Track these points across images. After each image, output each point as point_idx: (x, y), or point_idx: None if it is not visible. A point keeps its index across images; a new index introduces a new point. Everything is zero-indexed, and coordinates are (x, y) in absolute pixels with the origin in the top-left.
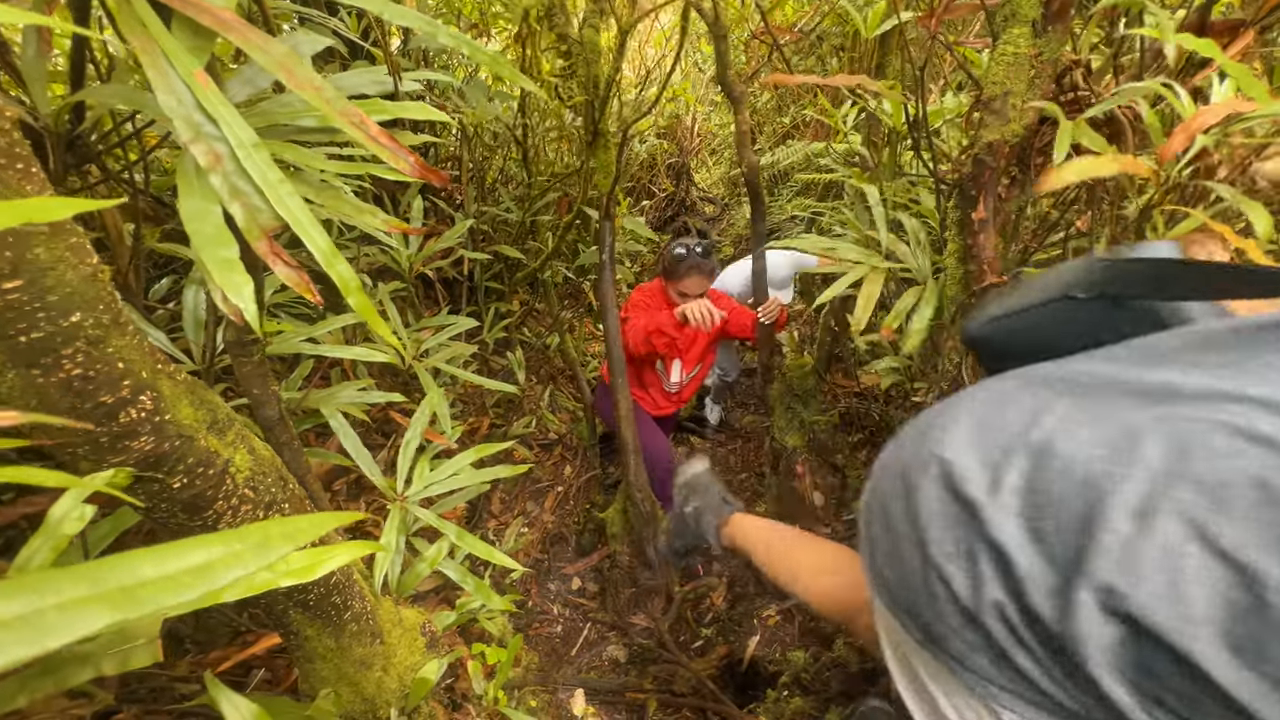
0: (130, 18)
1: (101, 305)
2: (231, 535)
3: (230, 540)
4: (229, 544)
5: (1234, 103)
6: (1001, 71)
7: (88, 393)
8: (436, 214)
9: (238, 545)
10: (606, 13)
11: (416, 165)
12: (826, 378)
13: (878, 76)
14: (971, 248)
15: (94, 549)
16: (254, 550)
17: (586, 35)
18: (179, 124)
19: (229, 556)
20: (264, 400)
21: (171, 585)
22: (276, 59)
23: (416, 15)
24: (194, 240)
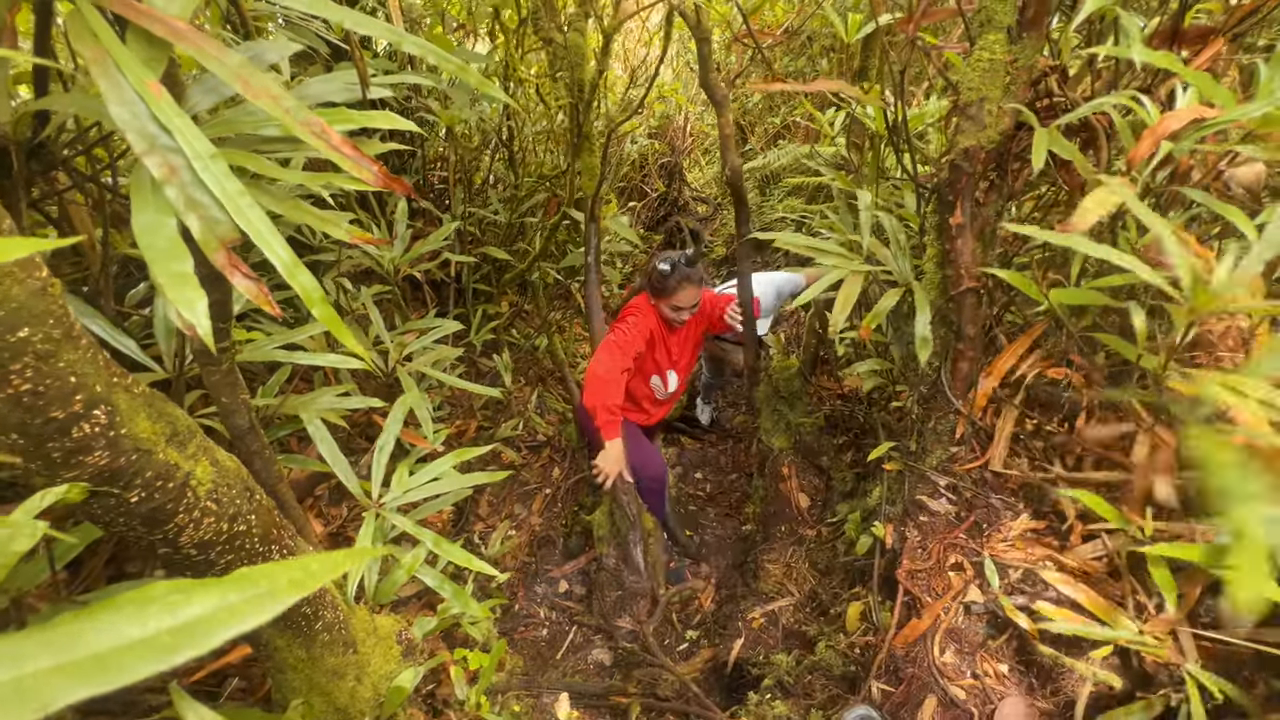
0: (81, 27)
1: (51, 319)
2: (228, 583)
3: (227, 590)
4: (224, 594)
5: (1197, 109)
6: (977, 77)
7: (38, 408)
8: (424, 216)
9: (234, 596)
10: (591, 15)
11: (380, 174)
12: (812, 380)
13: (861, 80)
14: (949, 252)
15: (60, 561)
16: (253, 602)
17: (571, 39)
18: (132, 135)
19: (224, 611)
20: (233, 409)
21: (153, 649)
22: (232, 68)
23: (378, 23)
24: (147, 255)
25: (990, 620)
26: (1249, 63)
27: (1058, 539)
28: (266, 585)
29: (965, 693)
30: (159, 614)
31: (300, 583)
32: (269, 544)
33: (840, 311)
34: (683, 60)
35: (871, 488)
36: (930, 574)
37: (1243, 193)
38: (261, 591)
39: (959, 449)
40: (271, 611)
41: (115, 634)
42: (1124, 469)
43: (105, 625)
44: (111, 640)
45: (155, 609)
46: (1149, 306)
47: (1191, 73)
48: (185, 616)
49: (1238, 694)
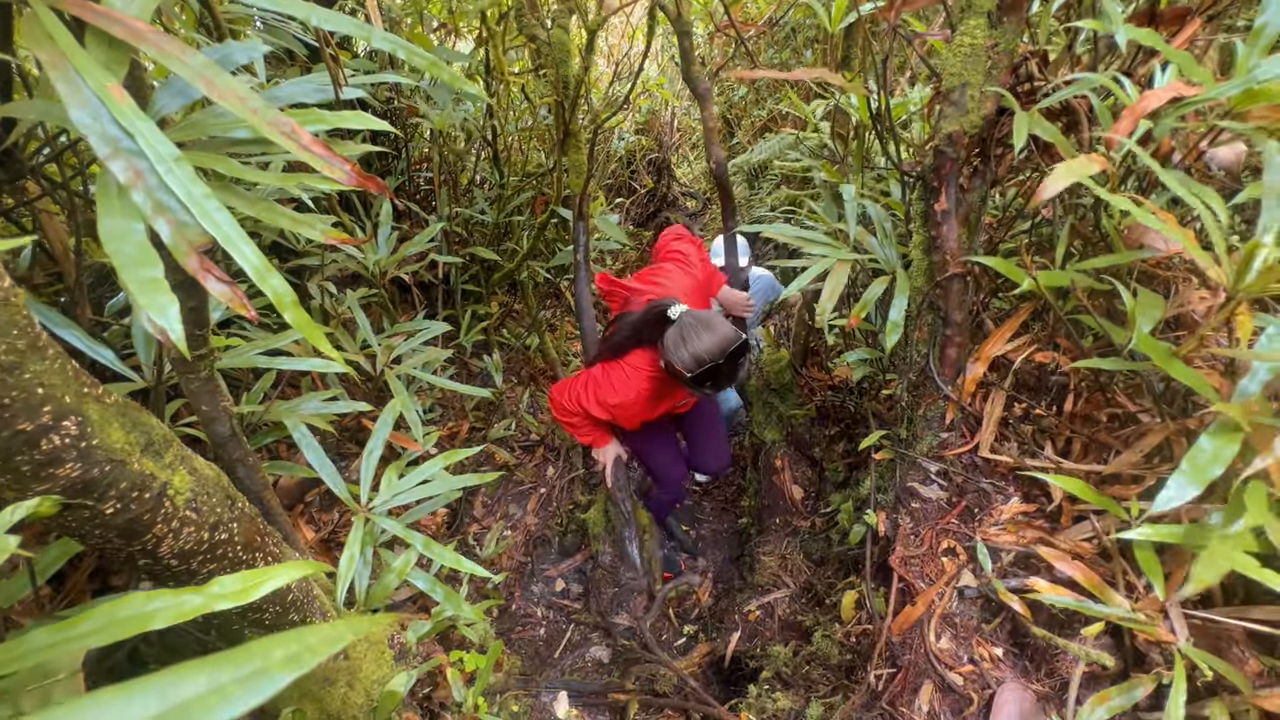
0: (37, 30)
1: (15, 330)
2: (218, 662)
3: (217, 669)
4: (214, 675)
5: (1176, 86)
6: (959, 63)
7: (4, 421)
8: (411, 218)
9: (225, 676)
10: (575, 12)
11: (353, 173)
12: (803, 371)
13: (844, 69)
14: (935, 239)
15: (42, 576)
16: (245, 683)
17: (555, 35)
18: (94, 139)
19: (213, 695)
20: (214, 416)
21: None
22: (195, 70)
23: (345, 19)
24: (115, 260)
25: (984, 604)
26: (1227, 42)
27: (1048, 521)
28: (259, 662)
29: (963, 678)
30: (146, 699)
31: (297, 659)
32: (252, 551)
33: (828, 300)
34: (668, 55)
35: (863, 477)
36: (923, 560)
37: (1223, 174)
38: (254, 670)
39: (949, 435)
40: (266, 693)
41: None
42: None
43: (86, 712)
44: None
45: (142, 693)
46: (1133, 288)
47: (1173, 50)
48: (173, 700)
49: (1229, 671)
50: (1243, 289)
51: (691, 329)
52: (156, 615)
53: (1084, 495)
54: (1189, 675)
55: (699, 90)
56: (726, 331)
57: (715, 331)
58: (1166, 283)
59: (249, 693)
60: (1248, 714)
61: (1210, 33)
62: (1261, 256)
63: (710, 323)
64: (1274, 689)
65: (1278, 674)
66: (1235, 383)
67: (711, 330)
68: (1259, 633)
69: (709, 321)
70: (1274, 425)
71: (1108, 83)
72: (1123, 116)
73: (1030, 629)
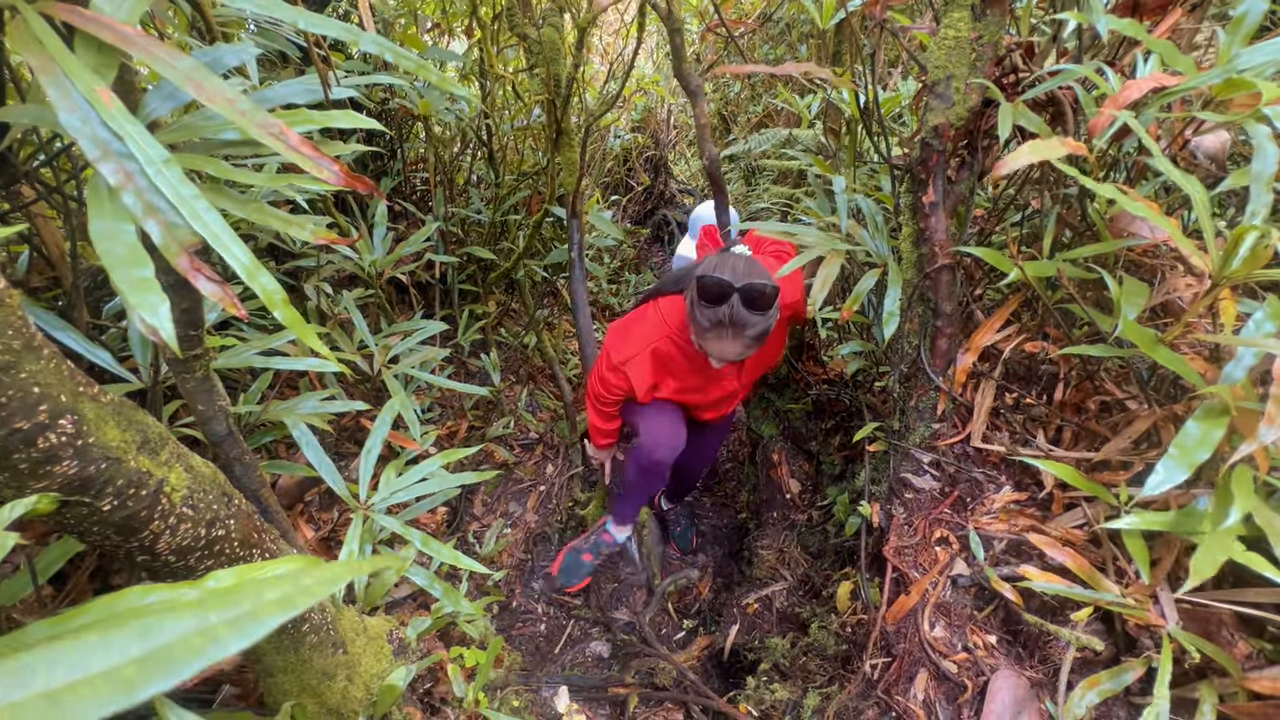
0: (26, 35)
1: (10, 331)
2: (207, 601)
3: (205, 609)
4: (202, 615)
5: (1158, 77)
6: (943, 55)
7: (1, 419)
8: (408, 218)
9: (213, 617)
10: (565, 10)
11: (341, 174)
12: (798, 366)
13: (835, 63)
14: (924, 230)
15: (43, 575)
16: (234, 625)
17: (546, 34)
18: (85, 143)
19: (200, 636)
20: (210, 416)
21: (115, 684)
22: (184, 73)
23: (333, 22)
24: (106, 261)
25: (977, 592)
26: (1210, 32)
27: (1040, 509)
28: (249, 604)
29: (957, 666)
30: (127, 640)
31: (289, 600)
32: (249, 548)
33: (820, 291)
34: (662, 52)
35: (858, 469)
36: (917, 550)
37: (1208, 162)
38: (243, 611)
39: (941, 425)
40: (254, 635)
41: (73, 665)
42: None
43: (64, 655)
44: (67, 674)
45: (124, 633)
46: (1119, 276)
47: (1155, 40)
48: (156, 643)
49: (1218, 654)
50: (1227, 275)
51: (734, 256)
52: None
53: (1074, 482)
54: (1178, 658)
55: (691, 87)
56: (763, 277)
57: (754, 270)
58: (1153, 270)
59: (238, 634)
60: (1236, 695)
61: (1194, 22)
62: (1249, 241)
63: (756, 265)
64: (1263, 671)
65: (1267, 656)
66: (1220, 368)
67: (752, 268)
68: (1248, 615)
69: (756, 264)
70: (1259, 409)
71: (1090, 74)
72: (1104, 106)
73: (1023, 616)
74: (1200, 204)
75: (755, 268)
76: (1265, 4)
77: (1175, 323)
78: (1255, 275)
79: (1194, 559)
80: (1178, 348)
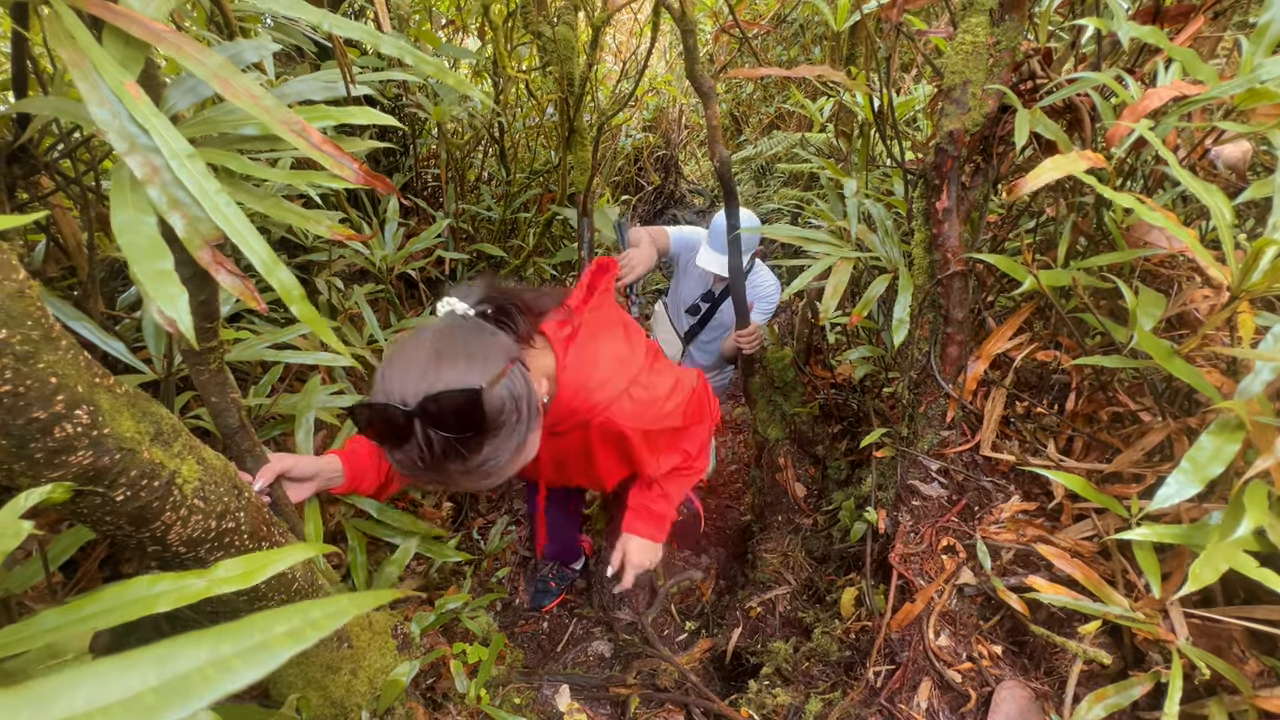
0: (59, 30)
1: (30, 321)
2: (221, 634)
3: (219, 641)
4: (216, 647)
5: (1179, 85)
6: (960, 61)
7: (19, 409)
8: (419, 214)
9: (227, 648)
10: (579, 9)
11: (360, 172)
12: (806, 369)
13: (850, 66)
14: (936, 236)
15: (54, 562)
16: (247, 656)
17: (560, 32)
18: (113, 136)
19: (214, 666)
20: (223, 408)
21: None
22: (211, 69)
23: (354, 24)
24: (127, 253)
25: (984, 602)
26: (1233, 40)
27: (1049, 520)
28: (260, 636)
29: (961, 676)
30: (144, 670)
31: (298, 634)
32: (258, 540)
33: (831, 298)
34: (676, 52)
35: (865, 475)
36: (923, 557)
37: (1229, 172)
38: (255, 643)
39: (950, 433)
40: (267, 666)
41: (94, 693)
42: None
43: (85, 682)
44: (88, 701)
45: (142, 662)
46: (1135, 286)
47: (1176, 48)
48: (173, 671)
49: (1228, 670)
50: (1247, 287)
51: (419, 337)
52: (162, 598)
53: (1085, 493)
54: (1188, 675)
55: (703, 89)
56: (461, 372)
57: (446, 357)
58: (1170, 281)
59: (250, 666)
60: (1246, 714)
61: (1217, 30)
62: (1270, 254)
63: (457, 344)
64: (1274, 689)
65: (1277, 674)
66: (1237, 382)
67: (441, 352)
68: (1260, 632)
69: (457, 340)
70: (1276, 425)
71: (1109, 81)
72: (1123, 115)
73: (1029, 627)
74: (1219, 215)
75: (449, 350)
76: None
77: (1191, 334)
78: (1276, 289)
79: (1193, 566)
80: (1194, 360)
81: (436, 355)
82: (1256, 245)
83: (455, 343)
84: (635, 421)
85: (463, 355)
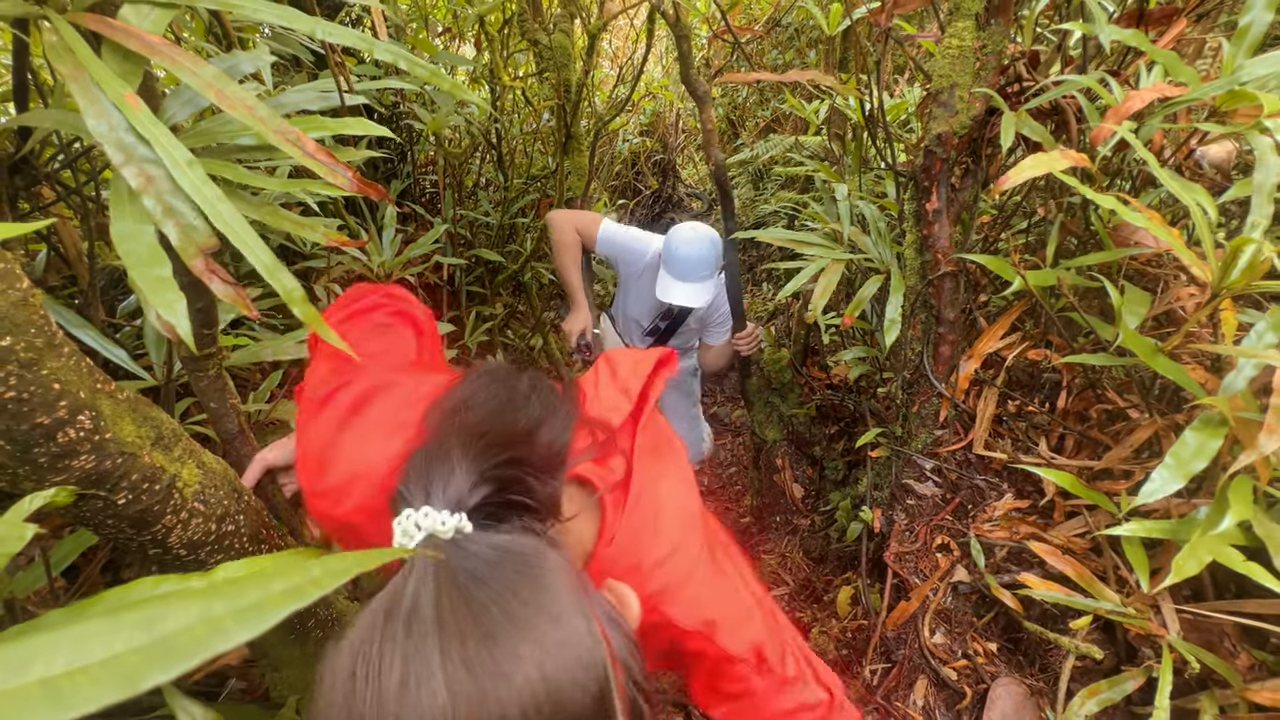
0: (58, 45)
1: (33, 329)
2: (214, 591)
3: (211, 600)
4: (208, 605)
5: (1161, 87)
6: (947, 64)
7: (23, 414)
8: (417, 221)
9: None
10: (576, 16)
11: (354, 179)
12: (803, 371)
13: (842, 70)
14: (927, 237)
15: (57, 567)
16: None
17: (557, 40)
18: (109, 148)
19: (204, 626)
20: (222, 414)
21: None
22: (206, 80)
23: (349, 31)
24: (126, 261)
25: (978, 600)
26: (1218, 42)
27: (1041, 517)
28: (257, 594)
29: (956, 673)
30: (131, 629)
31: (297, 591)
32: (258, 544)
33: (820, 298)
34: (672, 57)
35: (861, 475)
36: (917, 556)
37: (1214, 171)
38: (250, 602)
39: (943, 432)
40: (260, 626)
41: (74, 654)
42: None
43: (68, 643)
44: (67, 662)
45: (128, 622)
46: (1121, 285)
47: (1158, 50)
48: (160, 632)
49: (1219, 664)
50: (1227, 285)
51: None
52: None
53: (1075, 490)
54: (1179, 669)
55: (698, 93)
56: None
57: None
58: (1157, 280)
59: (244, 626)
60: (1237, 707)
61: (1201, 32)
62: (1248, 253)
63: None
64: (1264, 683)
65: (1269, 668)
66: (1221, 378)
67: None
68: (1251, 627)
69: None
70: (1259, 420)
71: (1093, 84)
72: (1107, 116)
73: (1023, 624)
74: (1199, 214)
75: (502, 644)
76: (1270, 15)
77: (1177, 332)
78: (1254, 287)
79: (1177, 558)
80: (1179, 357)
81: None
82: (1234, 244)
83: (501, 627)
84: (707, 628)
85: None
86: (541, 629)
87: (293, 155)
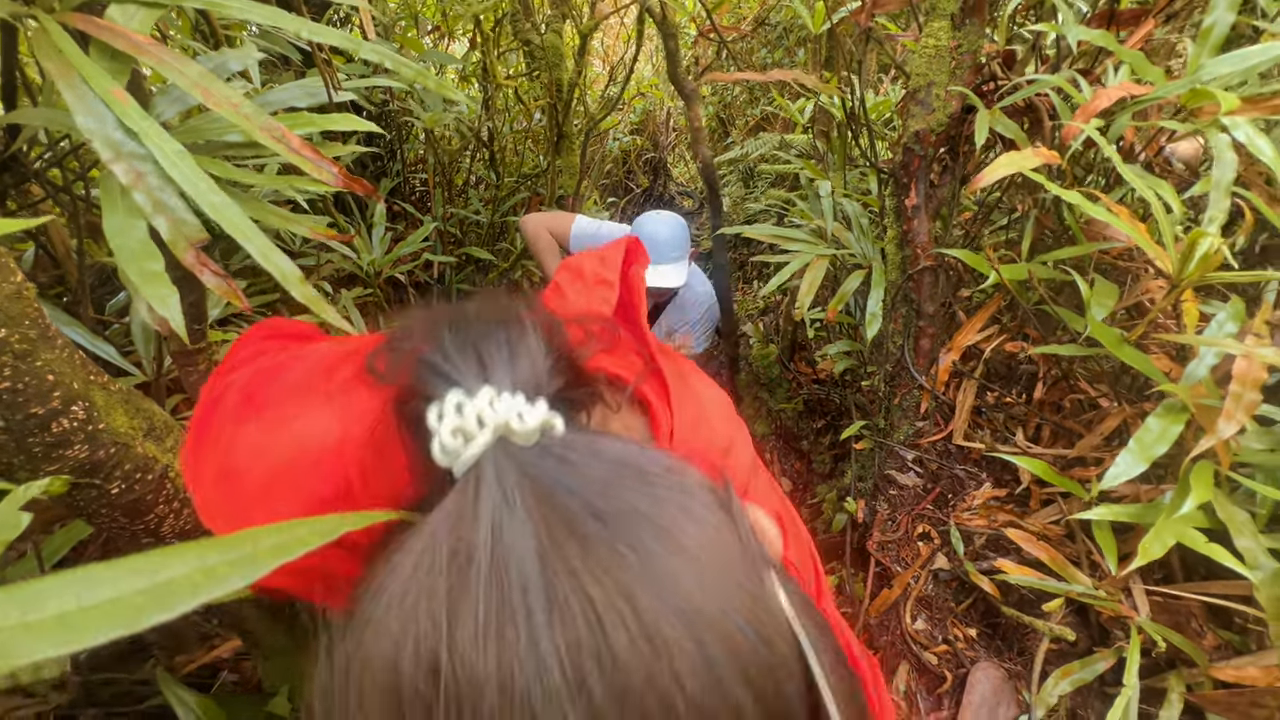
0: (47, 44)
1: (28, 320)
2: (209, 545)
3: (206, 551)
4: (204, 556)
5: (1127, 86)
6: (924, 64)
7: (18, 405)
8: (407, 219)
9: (214, 558)
10: (567, 17)
11: (339, 175)
12: (790, 366)
13: (828, 68)
14: (907, 233)
15: (49, 560)
16: (234, 565)
17: (548, 39)
18: (99, 144)
19: (201, 573)
20: None
21: (123, 610)
22: (192, 79)
23: (334, 31)
24: (119, 255)
25: (958, 586)
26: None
27: (1018, 505)
28: (249, 548)
29: (937, 658)
30: (134, 575)
31: (285, 548)
32: None
33: (806, 294)
34: (662, 55)
35: (846, 467)
36: (900, 544)
37: (1183, 167)
38: (243, 554)
39: (924, 424)
40: (251, 576)
41: (85, 593)
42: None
43: (76, 584)
44: (78, 600)
45: (131, 568)
46: (1091, 279)
47: (1126, 50)
48: (161, 577)
49: (1185, 644)
50: (1186, 277)
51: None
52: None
53: (1048, 477)
54: (1148, 649)
55: (685, 91)
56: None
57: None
58: (1128, 273)
59: (238, 573)
60: (1203, 685)
61: (1173, 31)
62: (1204, 245)
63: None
64: (1229, 661)
65: (1234, 647)
66: (1184, 367)
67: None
68: (1218, 607)
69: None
70: (1218, 406)
71: (1063, 83)
72: (1076, 115)
73: (1001, 609)
74: (1159, 208)
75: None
76: (1233, 16)
77: (1142, 323)
78: (1209, 278)
79: (1143, 541)
80: (1148, 348)
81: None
82: (1191, 237)
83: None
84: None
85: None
86: (707, 586)
87: (278, 151)
